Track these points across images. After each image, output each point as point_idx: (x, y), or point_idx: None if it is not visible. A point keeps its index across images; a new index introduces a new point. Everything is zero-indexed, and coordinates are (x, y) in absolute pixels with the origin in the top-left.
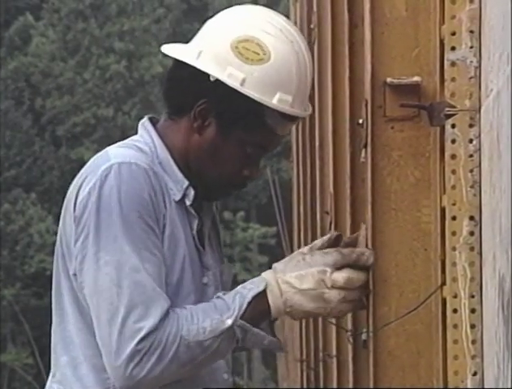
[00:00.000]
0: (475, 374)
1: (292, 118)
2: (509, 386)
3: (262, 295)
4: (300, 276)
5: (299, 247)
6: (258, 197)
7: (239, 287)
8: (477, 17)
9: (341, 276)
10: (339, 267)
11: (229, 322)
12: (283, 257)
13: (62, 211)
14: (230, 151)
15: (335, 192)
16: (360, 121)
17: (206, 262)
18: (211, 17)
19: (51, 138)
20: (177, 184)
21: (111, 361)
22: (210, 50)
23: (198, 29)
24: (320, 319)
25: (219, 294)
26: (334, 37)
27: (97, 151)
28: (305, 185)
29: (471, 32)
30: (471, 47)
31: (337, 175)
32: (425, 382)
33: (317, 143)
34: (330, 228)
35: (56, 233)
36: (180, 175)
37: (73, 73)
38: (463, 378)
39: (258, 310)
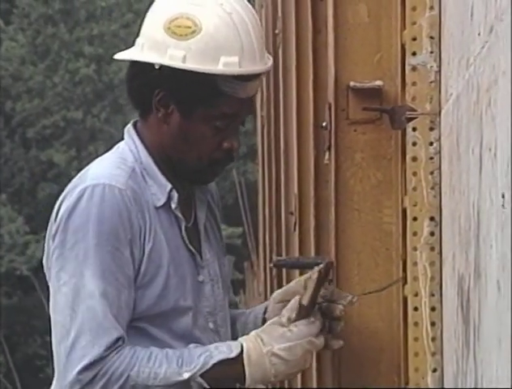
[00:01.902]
0: (435, 370)
1: (248, 78)
2: (467, 382)
3: (234, 361)
4: (288, 348)
5: (264, 247)
6: (224, 198)
7: (212, 345)
8: (437, 23)
9: (321, 341)
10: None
11: (186, 375)
12: (249, 257)
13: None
14: (199, 130)
15: (300, 193)
16: (324, 124)
17: (199, 260)
18: None
19: (21, 140)
20: (161, 188)
21: (59, 380)
22: (149, 40)
23: None
24: None
25: (191, 345)
26: (299, 42)
27: (66, 152)
28: (270, 187)
29: (432, 37)
30: (432, 52)
31: (301, 177)
32: (387, 379)
33: (282, 146)
34: (294, 229)
35: (26, 234)
36: (163, 179)
37: (43, 76)
38: (424, 375)
39: (227, 376)
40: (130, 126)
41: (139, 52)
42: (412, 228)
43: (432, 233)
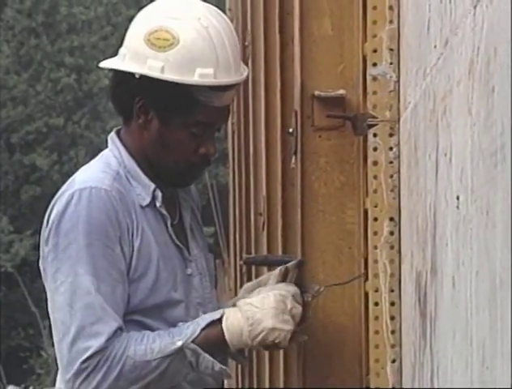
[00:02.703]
0: (394, 361)
1: (223, 88)
2: (424, 372)
3: (217, 323)
4: (261, 298)
5: (234, 246)
6: None
7: (198, 317)
8: (396, 36)
9: (298, 307)
10: (296, 300)
11: (179, 343)
12: (220, 255)
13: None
14: (177, 136)
15: (268, 195)
16: (291, 130)
17: (186, 255)
18: None
19: (6, 145)
20: (145, 188)
21: (63, 375)
22: (130, 51)
23: None
24: None
25: (179, 323)
26: (267, 54)
27: (49, 157)
28: (240, 189)
29: (391, 49)
30: (391, 63)
31: (269, 180)
32: (349, 369)
33: (251, 151)
34: (263, 229)
35: (10, 233)
36: (146, 180)
37: (26, 85)
38: (383, 365)
39: (212, 338)
40: (112, 134)
41: (121, 61)
42: (373, 228)
43: (391, 233)
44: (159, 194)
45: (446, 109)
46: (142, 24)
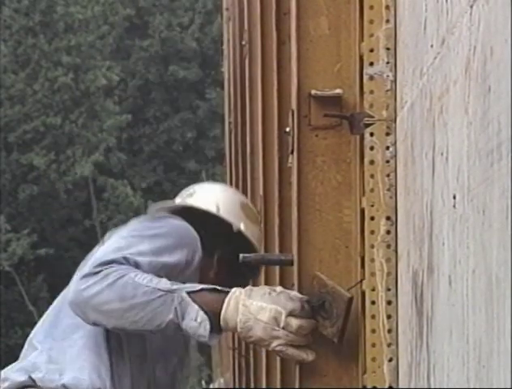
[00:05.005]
0: (390, 360)
1: None
2: (421, 371)
3: (222, 294)
4: (260, 307)
5: None
6: None
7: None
8: (393, 35)
9: (294, 323)
10: (295, 315)
11: (174, 287)
12: None
13: None
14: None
15: (265, 194)
16: (288, 129)
17: None
18: (148, 37)
19: (3, 144)
20: None
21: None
22: (225, 206)
23: (140, 46)
24: None
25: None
26: (264, 53)
27: (46, 156)
28: (237, 188)
29: (388, 48)
30: (388, 62)
31: (266, 179)
32: (346, 368)
33: (248, 150)
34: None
35: (8, 232)
36: None
37: (23, 84)
38: (380, 364)
39: (209, 302)
40: None
41: (216, 210)
42: (370, 227)
43: (388, 232)
44: None
45: (443, 109)
46: (231, 195)
